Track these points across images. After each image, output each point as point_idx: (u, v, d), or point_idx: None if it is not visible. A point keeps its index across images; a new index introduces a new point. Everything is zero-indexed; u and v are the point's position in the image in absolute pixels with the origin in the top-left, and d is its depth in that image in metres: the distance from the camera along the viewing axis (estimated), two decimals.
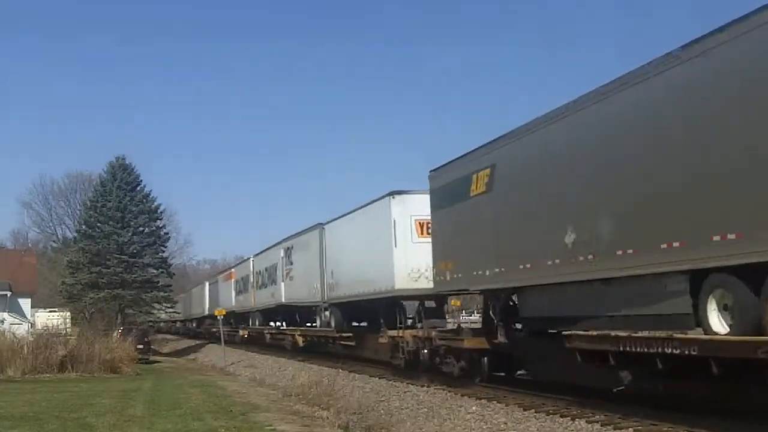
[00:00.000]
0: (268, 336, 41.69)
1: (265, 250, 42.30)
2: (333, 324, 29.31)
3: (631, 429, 12.42)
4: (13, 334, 31.52)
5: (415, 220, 22.37)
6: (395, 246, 22.53)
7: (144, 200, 52.81)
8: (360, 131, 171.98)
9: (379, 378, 23.50)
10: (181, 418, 15.43)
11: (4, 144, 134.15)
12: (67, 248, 60.77)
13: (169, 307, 59.55)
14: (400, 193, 22.85)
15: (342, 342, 28.96)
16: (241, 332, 48.49)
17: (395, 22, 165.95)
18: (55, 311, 41.89)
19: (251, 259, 45.77)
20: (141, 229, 52.59)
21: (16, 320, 38.06)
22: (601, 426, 12.88)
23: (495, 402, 16.47)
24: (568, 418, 13.80)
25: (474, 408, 16.29)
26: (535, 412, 14.74)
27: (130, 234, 51.50)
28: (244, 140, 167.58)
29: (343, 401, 20.18)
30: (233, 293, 50.91)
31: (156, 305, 54.83)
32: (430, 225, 21.07)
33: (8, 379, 26.84)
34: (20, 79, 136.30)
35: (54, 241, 76.47)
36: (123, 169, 52.65)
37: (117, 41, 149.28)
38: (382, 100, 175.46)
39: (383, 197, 23.41)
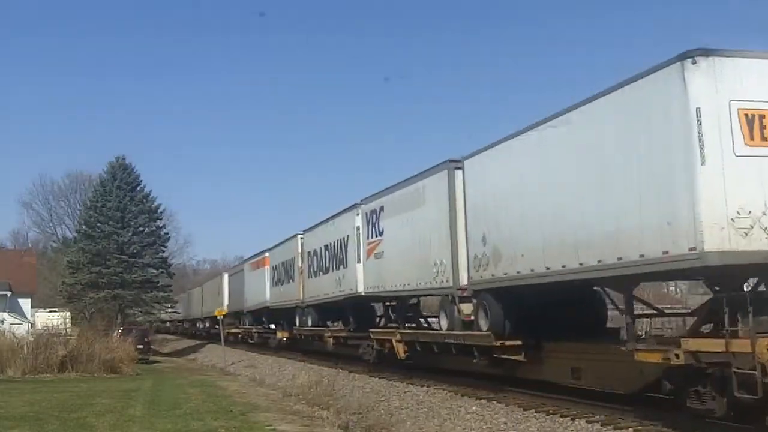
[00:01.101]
0: (330, 341, 29.61)
1: (322, 223, 30.32)
2: (484, 324, 16.97)
3: (631, 429, 12.43)
4: (13, 334, 31.54)
5: (740, 109, 10.82)
6: (702, 163, 10.55)
7: (144, 200, 52.87)
8: (361, 131, 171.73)
9: (379, 378, 23.47)
10: (181, 418, 15.46)
11: (4, 144, 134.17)
12: (67, 248, 60.84)
13: (169, 307, 59.52)
14: (707, 53, 10.81)
15: (503, 356, 16.74)
16: (279, 334, 37.97)
17: (395, 21, 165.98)
18: (55, 311, 41.96)
19: (299, 237, 34.02)
20: (141, 229, 52.64)
21: (16, 320, 38.08)
22: (601, 426, 12.89)
23: (495, 402, 16.46)
24: (568, 418, 13.81)
25: (474, 408, 16.29)
26: (535, 412, 14.74)
27: (130, 234, 51.55)
28: (244, 140, 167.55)
29: (343, 401, 20.22)
30: (267, 284, 40.02)
31: (156, 305, 54.84)
32: None
33: (8, 379, 26.84)
34: (20, 79, 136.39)
35: (54, 241, 76.73)
36: (123, 169, 52.72)
37: (117, 41, 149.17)
38: (383, 99, 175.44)
39: (667, 63, 11.09)
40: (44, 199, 76.58)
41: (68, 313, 41.72)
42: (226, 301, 51.42)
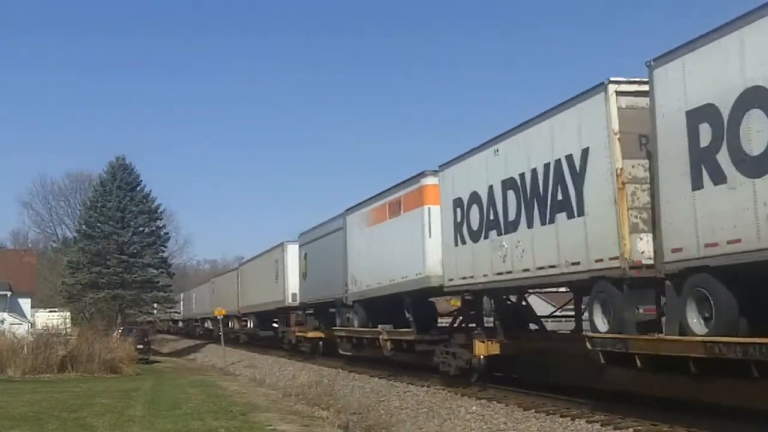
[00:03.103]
0: None
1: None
2: None
3: (631, 429, 12.43)
4: (13, 334, 31.52)
5: None
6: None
7: (144, 200, 52.87)
8: (361, 131, 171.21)
9: (379, 378, 23.47)
10: (181, 418, 15.46)
11: (4, 144, 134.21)
12: (67, 248, 60.85)
13: (169, 307, 59.47)
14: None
15: None
16: (477, 348, 18.02)
17: (395, 21, 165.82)
18: (55, 311, 41.90)
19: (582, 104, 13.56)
20: (141, 229, 52.65)
21: (16, 320, 38.04)
22: (601, 426, 12.89)
23: (495, 402, 16.47)
24: (568, 418, 13.81)
25: (474, 408, 16.30)
26: (535, 412, 14.75)
27: (130, 234, 51.55)
28: (243, 140, 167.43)
29: (343, 401, 20.22)
30: (429, 241, 20.04)
31: (156, 305, 54.83)
32: None
33: (8, 379, 26.82)
34: (20, 79, 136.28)
35: (54, 241, 76.71)
36: (123, 169, 52.73)
37: (117, 41, 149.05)
38: (383, 99, 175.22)
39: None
40: (44, 199, 76.73)
41: (68, 313, 41.64)
42: (291, 288, 34.72)
